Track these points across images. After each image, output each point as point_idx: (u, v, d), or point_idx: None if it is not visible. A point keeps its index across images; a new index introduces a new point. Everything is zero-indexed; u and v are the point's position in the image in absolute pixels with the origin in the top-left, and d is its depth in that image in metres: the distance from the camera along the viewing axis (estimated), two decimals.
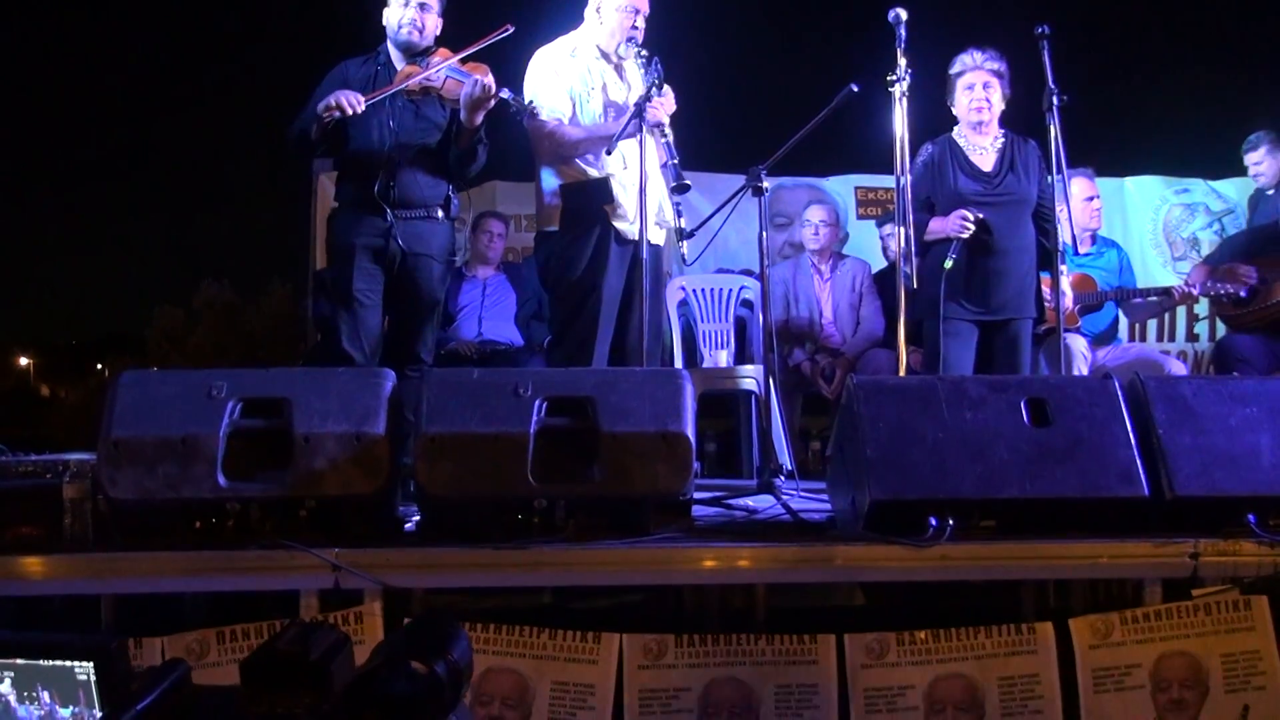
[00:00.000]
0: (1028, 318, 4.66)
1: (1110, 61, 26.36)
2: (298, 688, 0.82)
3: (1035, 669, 2.95)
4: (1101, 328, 5.44)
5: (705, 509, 3.70)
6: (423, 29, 4.24)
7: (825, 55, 40.50)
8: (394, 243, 4.16)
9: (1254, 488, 3.04)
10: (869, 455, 3.03)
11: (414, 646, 0.81)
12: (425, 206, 4.24)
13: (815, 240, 5.96)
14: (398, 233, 4.16)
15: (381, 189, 4.14)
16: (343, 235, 4.20)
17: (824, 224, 5.95)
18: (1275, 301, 5.26)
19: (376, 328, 4.24)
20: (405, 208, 4.19)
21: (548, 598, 3.83)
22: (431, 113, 4.25)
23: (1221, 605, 2.99)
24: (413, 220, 4.21)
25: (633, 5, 4.34)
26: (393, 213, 4.15)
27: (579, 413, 3.12)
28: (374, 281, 4.19)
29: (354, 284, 4.15)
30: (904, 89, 4.19)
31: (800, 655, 2.96)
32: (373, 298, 4.20)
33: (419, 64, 4.18)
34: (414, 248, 4.20)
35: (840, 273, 5.96)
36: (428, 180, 4.24)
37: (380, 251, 4.17)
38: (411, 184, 4.19)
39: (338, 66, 4.30)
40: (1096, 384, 3.25)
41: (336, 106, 4.00)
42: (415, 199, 4.21)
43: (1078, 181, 5.32)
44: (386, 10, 4.28)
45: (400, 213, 4.17)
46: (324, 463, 3.05)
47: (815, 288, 5.93)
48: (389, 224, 4.15)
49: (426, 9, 4.24)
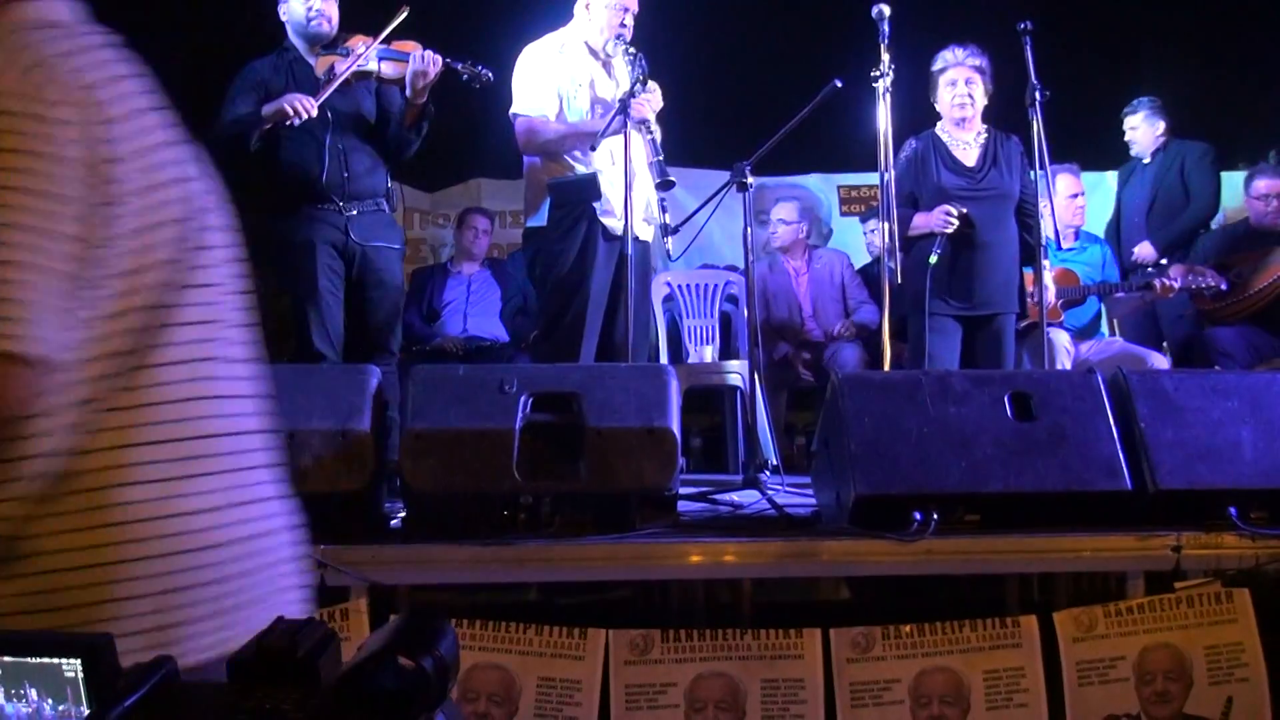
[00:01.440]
0: (1010, 313, 4.68)
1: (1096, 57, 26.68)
2: (285, 683, 0.82)
3: (1020, 662, 2.96)
4: (1084, 322, 5.46)
5: (691, 504, 3.71)
6: (331, 18, 4.23)
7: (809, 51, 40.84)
8: (352, 236, 4.17)
9: (1235, 481, 3.06)
10: (853, 450, 3.03)
11: (401, 641, 0.81)
12: (374, 197, 4.27)
13: (776, 239, 5.98)
14: (354, 226, 4.17)
15: (330, 181, 4.14)
16: (300, 232, 4.17)
17: (782, 222, 5.95)
18: (1254, 293, 5.30)
19: (341, 323, 4.24)
20: (356, 199, 4.20)
21: (534, 593, 3.83)
22: (362, 99, 4.28)
23: (1204, 598, 3.01)
24: (365, 213, 4.23)
25: (622, 3, 4.33)
26: (344, 205, 4.16)
27: (565, 408, 3.12)
28: (336, 277, 4.20)
29: (319, 280, 4.14)
30: (887, 85, 4.21)
31: (786, 650, 2.96)
32: (336, 294, 4.20)
33: (337, 53, 4.16)
34: (370, 239, 4.22)
35: (817, 266, 5.97)
36: (370, 168, 4.26)
37: (340, 246, 4.18)
38: (357, 174, 4.20)
39: (247, 68, 4.25)
40: (1080, 378, 3.27)
41: (294, 113, 3.97)
42: (365, 190, 4.23)
43: (1062, 178, 5.35)
44: (287, 4, 4.25)
45: (352, 205, 4.18)
46: (309, 459, 3.03)
47: (792, 284, 5.93)
48: (345, 218, 4.17)
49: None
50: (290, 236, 4.19)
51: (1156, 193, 5.88)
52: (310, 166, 4.15)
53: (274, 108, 4.01)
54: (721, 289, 5.92)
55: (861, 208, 7.29)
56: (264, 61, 4.27)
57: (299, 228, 4.17)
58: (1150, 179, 5.93)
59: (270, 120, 4.03)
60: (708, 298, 5.89)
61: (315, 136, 4.15)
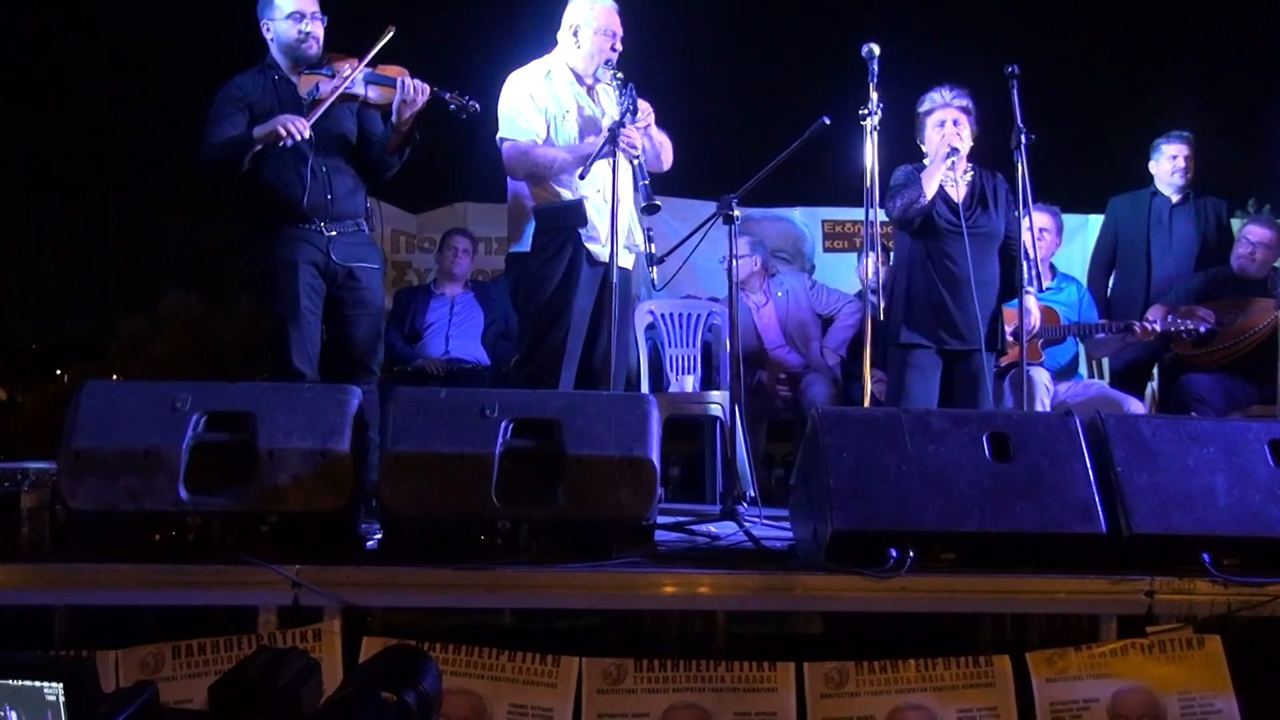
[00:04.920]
0: (990, 350, 4.72)
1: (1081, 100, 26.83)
2: (267, 713, 0.82)
3: (993, 701, 2.97)
4: (1063, 362, 5.50)
5: (668, 534, 3.71)
6: (319, 39, 4.24)
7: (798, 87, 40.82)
8: (334, 256, 4.19)
9: (1209, 528, 3.08)
10: (831, 485, 3.04)
11: (384, 676, 0.82)
12: (354, 218, 4.29)
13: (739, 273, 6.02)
14: (334, 246, 4.19)
15: (312, 202, 4.15)
16: (282, 251, 4.18)
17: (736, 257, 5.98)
18: (1233, 342, 5.34)
19: (319, 342, 4.26)
20: (338, 220, 4.22)
21: (507, 618, 3.82)
22: (344, 120, 4.30)
23: (1176, 643, 3.03)
24: (345, 234, 4.24)
25: (610, 28, 4.37)
26: (326, 226, 4.18)
27: (545, 435, 3.12)
28: (317, 296, 4.21)
29: (300, 299, 4.15)
30: (875, 123, 4.25)
31: (759, 683, 2.96)
32: (316, 313, 4.22)
33: (321, 73, 4.17)
34: (351, 260, 4.24)
35: (779, 294, 6.01)
36: (351, 190, 4.29)
37: (321, 266, 4.19)
38: (340, 196, 4.22)
39: (230, 84, 4.25)
40: (1057, 421, 3.29)
41: (287, 134, 3.97)
42: (346, 211, 4.25)
43: (1036, 214, 5.39)
44: (273, 23, 4.24)
45: (333, 225, 4.20)
46: (287, 478, 3.03)
47: (751, 318, 5.96)
48: (326, 238, 4.18)
49: (317, 18, 4.24)
50: (272, 255, 4.19)
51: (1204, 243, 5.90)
52: (293, 187, 4.16)
53: (266, 129, 4.01)
54: (704, 319, 5.94)
55: (845, 244, 7.33)
56: (246, 78, 4.27)
57: (281, 246, 4.18)
58: (1190, 225, 5.92)
59: (262, 142, 4.04)
60: (690, 327, 5.91)
61: (298, 156, 4.15)
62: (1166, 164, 5.96)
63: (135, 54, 14.22)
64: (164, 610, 3.25)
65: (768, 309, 6.03)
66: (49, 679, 0.85)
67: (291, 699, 0.83)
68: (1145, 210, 6.04)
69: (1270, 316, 5.26)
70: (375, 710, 0.79)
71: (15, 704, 0.84)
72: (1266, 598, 3.02)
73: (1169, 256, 5.92)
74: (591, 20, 4.39)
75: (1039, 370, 5.16)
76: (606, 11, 4.40)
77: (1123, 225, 6.14)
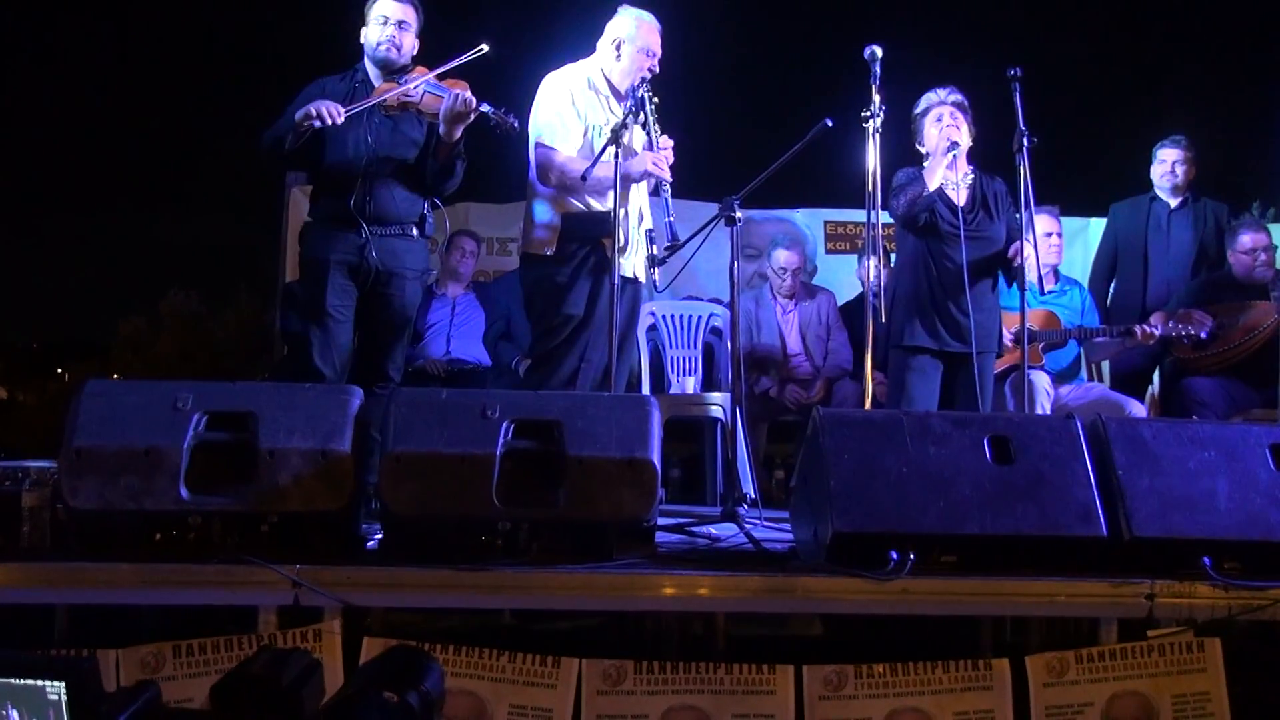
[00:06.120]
0: (990, 352, 4.73)
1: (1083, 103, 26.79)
2: (269, 713, 0.82)
3: (990, 705, 2.97)
4: (1063, 365, 5.50)
5: (668, 536, 3.71)
6: (400, 47, 4.23)
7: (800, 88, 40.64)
8: (369, 259, 4.14)
9: (1210, 531, 3.08)
10: (832, 487, 3.04)
11: (387, 676, 0.82)
12: (400, 223, 4.22)
13: (784, 288, 6.03)
14: (373, 249, 4.14)
15: (357, 204, 4.11)
16: (317, 250, 4.18)
17: (791, 271, 6.01)
18: (1233, 345, 5.34)
19: (347, 344, 4.22)
20: (381, 224, 4.17)
21: (508, 619, 3.83)
22: (409, 129, 4.24)
23: (1175, 646, 3.03)
24: (388, 237, 4.19)
25: (651, 48, 4.35)
26: (368, 228, 4.13)
27: (546, 436, 3.12)
28: (347, 297, 4.17)
29: (327, 299, 4.12)
30: (877, 125, 4.25)
31: (758, 685, 2.96)
32: (345, 314, 4.17)
33: (397, 81, 4.17)
34: (389, 265, 4.18)
35: (807, 305, 6.02)
36: (404, 197, 4.22)
37: (355, 267, 4.15)
38: (387, 200, 4.17)
39: (314, 83, 4.28)
40: (1058, 423, 3.29)
41: (316, 115, 3.97)
42: (391, 215, 4.19)
43: (1040, 218, 5.38)
44: (365, 29, 4.27)
45: (375, 229, 4.15)
46: (288, 478, 3.03)
47: (778, 318, 5.97)
48: (364, 240, 4.13)
49: (405, 27, 4.24)
50: (308, 253, 4.21)
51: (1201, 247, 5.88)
52: (339, 185, 4.15)
53: (303, 112, 4.01)
54: (706, 320, 5.95)
55: (848, 245, 7.33)
56: (332, 79, 4.30)
57: (319, 245, 4.18)
58: (1187, 229, 5.91)
59: (301, 123, 4.03)
60: (692, 329, 5.92)
61: (349, 156, 4.15)
62: (1162, 169, 5.97)
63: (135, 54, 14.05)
64: (164, 609, 3.26)
65: (793, 315, 6.03)
66: (51, 678, 0.85)
67: (294, 699, 0.83)
68: (1144, 215, 6.03)
69: (1270, 320, 5.26)
70: (377, 710, 0.79)
71: (17, 703, 0.84)
72: (1267, 601, 3.02)
73: (1166, 261, 5.92)
74: (636, 37, 4.35)
75: (1039, 374, 5.17)
76: (651, 30, 4.37)
77: (1123, 230, 6.14)
